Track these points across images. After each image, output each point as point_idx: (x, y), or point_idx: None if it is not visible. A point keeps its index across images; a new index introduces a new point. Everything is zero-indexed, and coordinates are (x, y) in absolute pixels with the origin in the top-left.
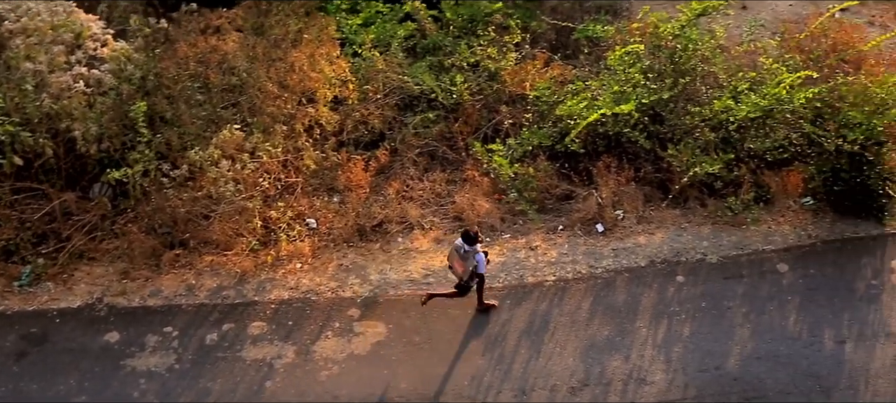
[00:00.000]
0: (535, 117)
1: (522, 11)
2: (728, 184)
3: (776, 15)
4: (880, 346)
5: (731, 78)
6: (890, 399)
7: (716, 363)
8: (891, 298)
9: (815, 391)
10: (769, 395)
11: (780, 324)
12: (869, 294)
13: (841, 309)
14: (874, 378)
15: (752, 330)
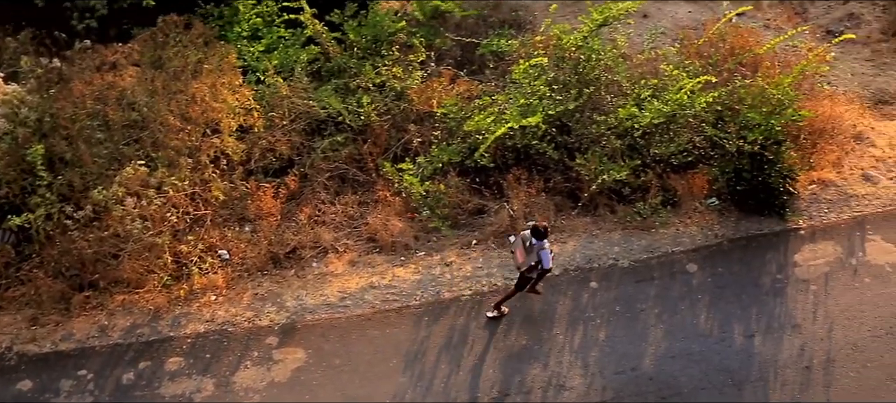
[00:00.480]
0: (443, 134)
1: (426, 29)
2: (636, 190)
3: (676, 22)
4: (787, 338)
5: (635, 86)
6: (798, 388)
7: (632, 364)
8: (795, 291)
9: (728, 385)
10: (684, 392)
11: (692, 323)
12: (774, 288)
13: (749, 305)
14: (782, 368)
15: (665, 330)
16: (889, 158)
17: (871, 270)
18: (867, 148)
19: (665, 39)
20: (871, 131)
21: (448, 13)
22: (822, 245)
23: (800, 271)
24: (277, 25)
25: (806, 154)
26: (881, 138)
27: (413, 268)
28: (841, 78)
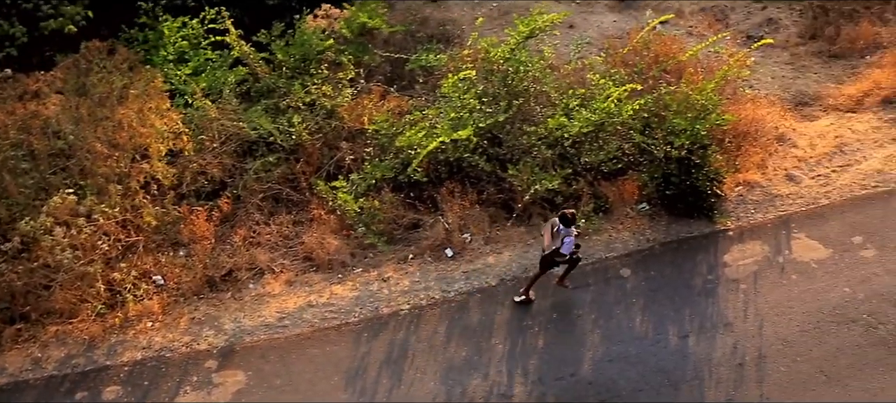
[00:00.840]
0: (376, 150)
1: (354, 46)
2: (568, 198)
3: (601, 32)
4: (720, 337)
5: (563, 96)
6: (732, 385)
7: (571, 370)
8: (726, 291)
9: (665, 385)
10: (622, 395)
11: (628, 326)
12: (706, 289)
13: (682, 306)
14: (716, 367)
15: (602, 334)
16: (810, 158)
17: (798, 267)
18: (789, 149)
19: (591, 49)
20: (793, 132)
21: (376, 30)
22: (750, 245)
23: (729, 271)
24: (204, 48)
25: (731, 157)
26: (802, 139)
27: (351, 285)
28: (762, 81)
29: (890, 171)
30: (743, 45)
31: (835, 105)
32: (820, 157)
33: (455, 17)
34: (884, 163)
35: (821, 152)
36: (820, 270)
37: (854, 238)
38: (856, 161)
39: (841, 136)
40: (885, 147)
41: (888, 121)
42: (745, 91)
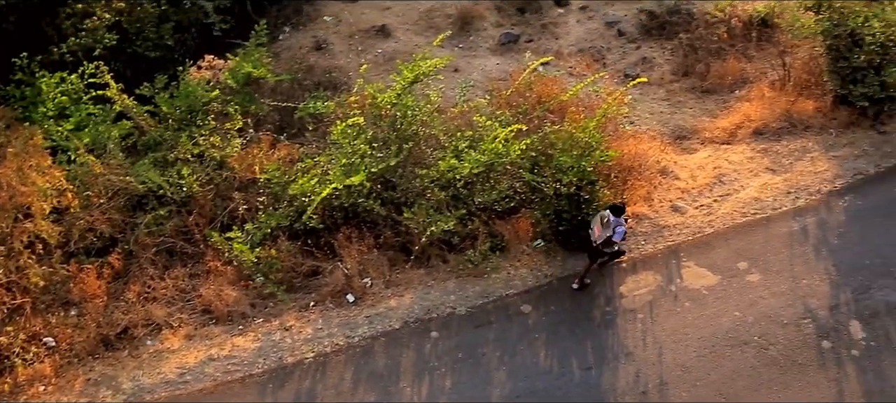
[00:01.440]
0: (269, 199)
1: (241, 96)
2: (465, 238)
3: (486, 74)
4: (622, 367)
5: (452, 138)
6: None
7: None
8: (624, 321)
9: None
10: None
11: (533, 362)
12: (605, 320)
13: (584, 338)
14: (621, 396)
15: (508, 371)
16: (693, 189)
17: (690, 294)
18: (672, 181)
19: (476, 92)
20: (675, 165)
21: (262, 79)
22: (644, 275)
23: (626, 302)
24: (85, 102)
25: (618, 191)
26: (684, 171)
27: (252, 336)
28: (642, 117)
29: (766, 198)
30: (621, 83)
31: (711, 138)
32: (701, 188)
33: (341, 64)
34: (760, 191)
35: (702, 183)
36: (711, 296)
37: (739, 263)
38: (734, 190)
39: (719, 167)
40: (759, 176)
41: (760, 151)
42: (626, 127)
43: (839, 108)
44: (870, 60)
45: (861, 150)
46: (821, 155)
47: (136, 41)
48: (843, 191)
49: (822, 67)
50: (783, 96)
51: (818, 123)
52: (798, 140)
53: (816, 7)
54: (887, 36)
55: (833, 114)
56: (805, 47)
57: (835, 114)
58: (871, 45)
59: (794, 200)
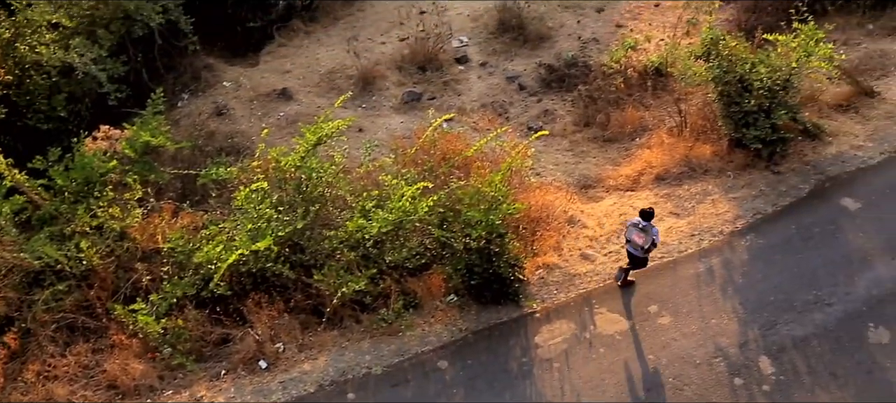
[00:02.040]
0: (174, 269)
1: (140, 166)
2: (377, 298)
3: (390, 132)
4: None
5: (358, 198)
6: None
7: None
8: (541, 371)
9: None
10: None
11: None
12: (522, 371)
13: (502, 391)
14: None
15: None
16: (601, 236)
17: (604, 341)
18: (580, 229)
19: (382, 150)
20: (582, 214)
21: (161, 147)
22: (558, 324)
23: (542, 351)
24: None
25: (528, 242)
26: (591, 219)
27: None
28: (547, 168)
29: (672, 242)
30: (524, 136)
31: (615, 185)
32: (609, 235)
33: (243, 129)
34: (665, 235)
35: (609, 230)
36: (624, 341)
37: (650, 307)
38: None
39: (625, 214)
40: (663, 220)
41: (663, 196)
42: (531, 179)
43: (735, 151)
44: (759, 104)
45: (758, 191)
46: (721, 197)
47: (27, 114)
48: (744, 230)
49: (716, 113)
50: (681, 142)
51: (716, 166)
52: (698, 183)
53: (706, 55)
54: (773, 80)
55: (729, 157)
56: (699, 94)
57: (731, 157)
58: (759, 90)
59: (699, 242)
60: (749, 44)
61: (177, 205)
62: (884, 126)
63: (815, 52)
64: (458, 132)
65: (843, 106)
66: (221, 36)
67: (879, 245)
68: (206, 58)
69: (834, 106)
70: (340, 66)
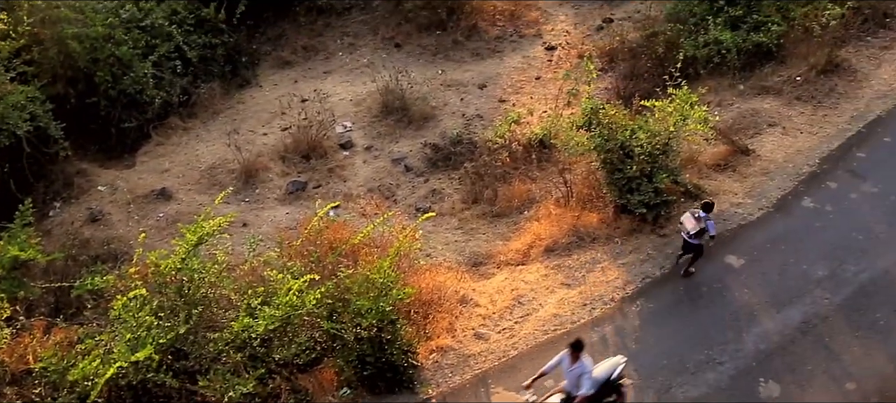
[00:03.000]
0: (47, 390)
1: (8, 282)
2: (267, 398)
3: (276, 225)
4: None
5: (243, 296)
6: None
7: None
8: None
9: None
10: None
11: None
12: None
13: None
14: None
15: None
16: (494, 314)
17: None
18: (473, 308)
19: (267, 244)
20: (473, 292)
21: (31, 261)
22: None
23: None
24: None
25: (420, 326)
26: (483, 297)
27: None
28: (437, 249)
29: (564, 313)
30: (413, 217)
31: (506, 260)
32: (502, 312)
33: (120, 233)
34: (558, 306)
35: (502, 307)
36: None
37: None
38: (534, 309)
39: (517, 289)
40: (555, 292)
41: (554, 267)
42: (421, 261)
43: (621, 217)
44: (641, 169)
45: (646, 255)
46: (610, 264)
47: None
48: (634, 296)
49: (601, 180)
50: (568, 212)
51: (604, 234)
52: (587, 252)
53: (587, 125)
54: (653, 145)
55: (616, 223)
56: (583, 163)
57: (618, 223)
58: (640, 155)
59: (591, 311)
60: (628, 111)
61: (49, 321)
62: (760, 182)
63: (690, 115)
64: (344, 219)
65: (721, 165)
66: (95, 139)
67: (764, 299)
68: (79, 163)
69: (712, 166)
70: (222, 160)
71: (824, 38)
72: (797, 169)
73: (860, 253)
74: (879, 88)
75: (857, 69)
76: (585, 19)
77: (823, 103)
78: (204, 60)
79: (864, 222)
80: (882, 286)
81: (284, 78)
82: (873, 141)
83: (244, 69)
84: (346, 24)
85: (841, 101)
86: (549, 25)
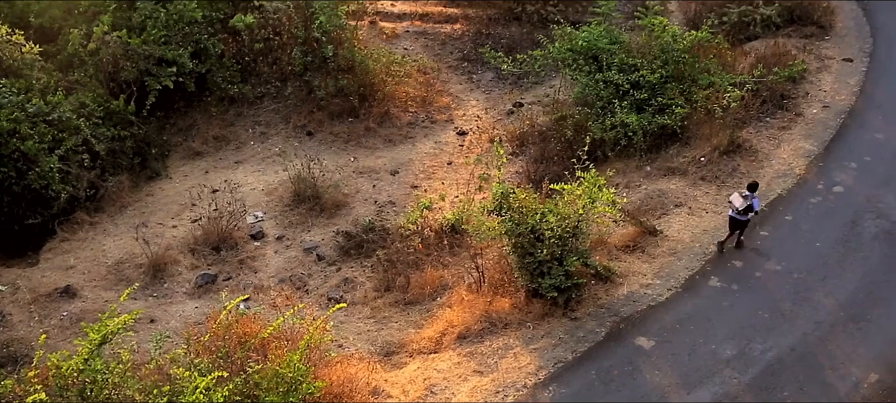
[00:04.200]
0: None
1: None
2: None
3: (184, 320)
4: None
5: (149, 397)
6: None
7: None
8: None
9: None
10: None
11: None
12: None
13: None
14: None
15: None
16: None
17: None
18: (385, 400)
19: (175, 341)
20: (386, 383)
21: None
22: None
23: None
24: None
25: None
26: (395, 387)
27: None
28: (349, 339)
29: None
30: (325, 307)
31: (418, 349)
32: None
33: (21, 335)
34: (470, 395)
35: (414, 397)
36: None
37: None
38: (446, 398)
39: (429, 378)
40: (468, 380)
41: (466, 355)
42: (332, 353)
43: (533, 302)
44: (552, 253)
45: (558, 339)
46: (522, 349)
47: None
48: (546, 381)
49: (512, 265)
50: (481, 298)
51: (516, 319)
52: (500, 338)
53: (498, 209)
54: (563, 228)
55: (528, 308)
56: (495, 248)
57: (529, 307)
58: (550, 239)
59: (504, 398)
60: (538, 194)
61: None
62: (668, 262)
63: (599, 197)
64: (255, 312)
65: (630, 246)
66: None
67: (675, 380)
68: None
69: (621, 247)
70: (129, 255)
71: (726, 120)
72: (704, 248)
73: (766, 331)
74: (779, 167)
75: (757, 149)
76: (496, 104)
77: (727, 183)
78: (112, 153)
79: (769, 300)
80: (788, 364)
81: (195, 169)
82: (775, 219)
83: (154, 161)
84: (258, 113)
85: (743, 181)
86: (460, 110)
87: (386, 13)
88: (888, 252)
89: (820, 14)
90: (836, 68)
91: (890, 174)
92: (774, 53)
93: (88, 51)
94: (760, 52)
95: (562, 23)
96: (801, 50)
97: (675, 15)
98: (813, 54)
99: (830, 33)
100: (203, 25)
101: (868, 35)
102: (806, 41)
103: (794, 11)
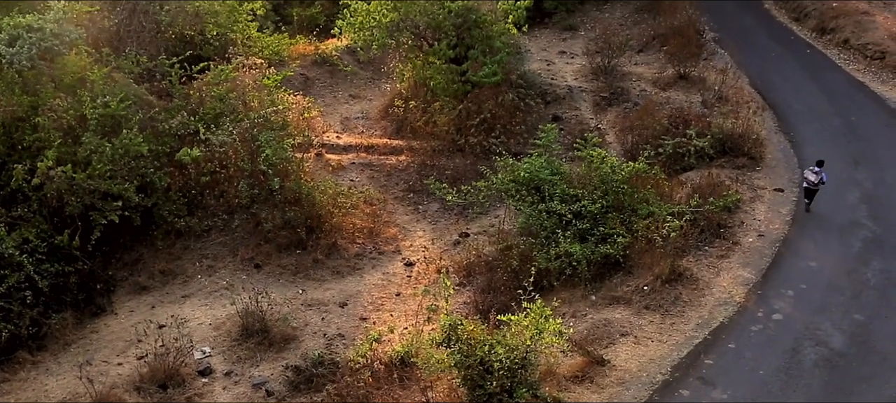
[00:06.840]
0: None
1: None
2: None
3: None
4: None
5: None
6: None
7: None
8: None
9: None
10: None
11: None
12: None
13: None
14: None
15: None
16: None
17: None
18: None
19: None
20: None
21: None
22: None
23: None
24: None
25: None
26: None
27: None
28: None
29: None
30: None
31: None
32: None
33: None
34: None
35: None
36: None
37: None
38: None
39: None
40: None
41: None
42: None
43: None
44: (502, 385)
45: None
46: None
47: None
48: None
49: (463, 398)
50: None
51: None
52: None
53: (447, 341)
54: (512, 360)
55: None
56: (445, 380)
57: None
58: (500, 371)
59: None
60: (486, 325)
61: None
62: (617, 392)
63: (545, 328)
64: None
65: (579, 376)
66: None
67: None
68: None
69: (570, 377)
70: (73, 395)
71: (666, 249)
72: (651, 377)
73: None
74: (720, 295)
75: (698, 277)
76: (442, 234)
77: (670, 311)
78: (56, 289)
79: None
80: None
81: (141, 304)
82: (719, 347)
83: (99, 296)
84: (205, 247)
85: (686, 309)
86: (407, 241)
87: (332, 145)
88: (829, 379)
89: (750, 146)
90: (768, 198)
91: (825, 301)
92: (709, 183)
93: (32, 186)
94: (696, 183)
95: (504, 154)
96: (735, 180)
97: (613, 146)
98: (746, 184)
99: (761, 164)
100: (149, 159)
101: (796, 166)
102: (738, 172)
103: (726, 143)
